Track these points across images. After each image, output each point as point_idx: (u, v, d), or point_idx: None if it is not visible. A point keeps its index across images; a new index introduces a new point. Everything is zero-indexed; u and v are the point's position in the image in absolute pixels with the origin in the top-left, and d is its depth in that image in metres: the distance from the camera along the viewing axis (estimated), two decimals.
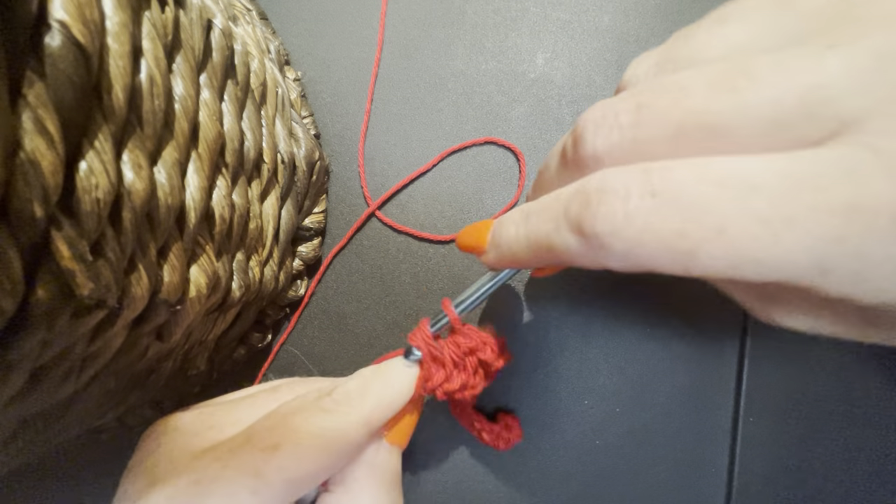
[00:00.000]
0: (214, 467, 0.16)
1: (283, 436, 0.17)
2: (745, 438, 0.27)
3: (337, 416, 0.18)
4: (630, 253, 0.12)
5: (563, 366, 0.28)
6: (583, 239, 0.12)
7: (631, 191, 0.12)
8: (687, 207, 0.11)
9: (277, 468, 0.16)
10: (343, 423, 0.18)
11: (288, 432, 0.17)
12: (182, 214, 0.17)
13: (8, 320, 0.11)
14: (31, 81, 0.11)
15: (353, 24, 0.30)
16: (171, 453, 0.17)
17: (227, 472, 0.16)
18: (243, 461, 0.16)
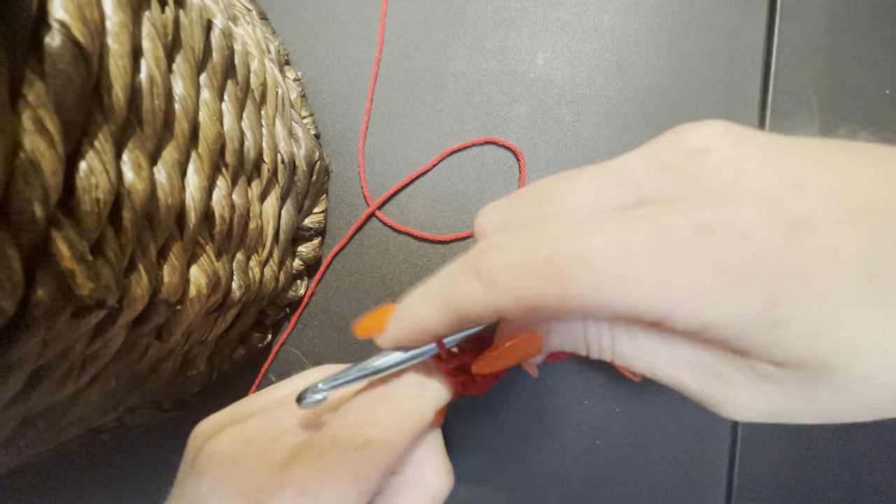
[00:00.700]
0: (313, 475, 0.17)
1: (370, 431, 0.17)
2: (745, 438, 0.27)
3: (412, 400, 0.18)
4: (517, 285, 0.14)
5: (563, 366, 0.28)
6: (480, 281, 0.14)
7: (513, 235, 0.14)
8: (554, 238, 0.13)
9: (375, 464, 0.17)
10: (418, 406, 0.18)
11: (373, 426, 0.17)
12: (182, 214, 0.17)
13: (8, 320, 0.11)
14: (31, 81, 0.11)
15: (353, 24, 0.30)
16: (257, 469, 0.17)
17: (329, 477, 0.16)
18: (340, 464, 0.17)
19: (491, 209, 0.17)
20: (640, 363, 0.16)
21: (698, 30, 0.28)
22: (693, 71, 0.28)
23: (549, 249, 0.13)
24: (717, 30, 0.28)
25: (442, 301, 0.15)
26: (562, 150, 0.29)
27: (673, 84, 0.28)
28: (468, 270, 0.15)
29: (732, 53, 0.28)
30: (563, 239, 0.13)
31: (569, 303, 0.13)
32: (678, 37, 0.28)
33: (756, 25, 0.28)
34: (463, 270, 0.15)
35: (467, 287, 0.15)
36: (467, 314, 0.15)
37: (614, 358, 0.16)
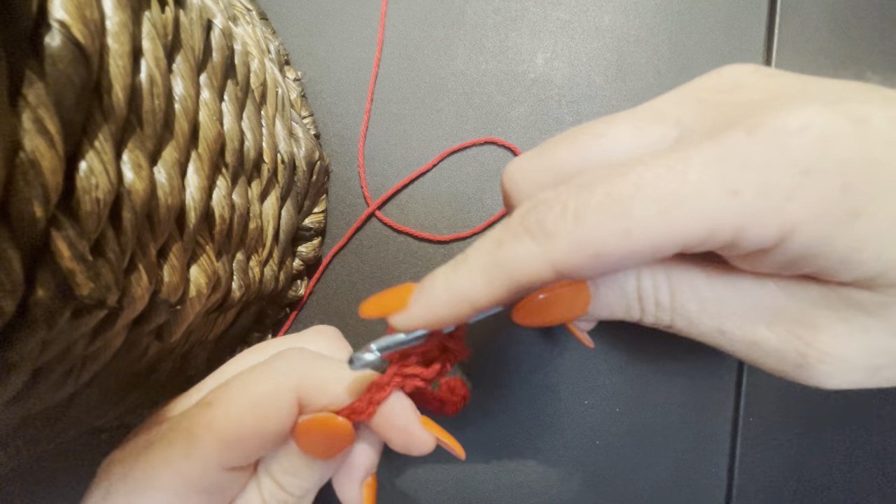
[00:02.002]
0: (163, 429, 0.16)
1: (217, 393, 0.17)
2: (745, 438, 0.27)
3: (270, 372, 0.17)
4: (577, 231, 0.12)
5: (563, 366, 0.28)
6: (533, 238, 0.13)
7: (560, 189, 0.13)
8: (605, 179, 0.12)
9: (206, 425, 0.16)
10: (274, 380, 0.16)
11: (222, 390, 0.17)
12: (182, 214, 0.17)
13: (8, 320, 0.11)
14: (31, 81, 0.11)
15: (353, 24, 0.30)
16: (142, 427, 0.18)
17: (171, 433, 0.16)
18: (182, 422, 0.16)
19: (521, 159, 0.16)
20: (706, 321, 0.14)
21: (698, 30, 0.28)
22: (693, 71, 0.28)
23: (606, 188, 0.12)
24: (717, 30, 0.28)
25: (489, 268, 0.13)
26: None
27: (673, 84, 0.28)
28: (516, 230, 0.13)
29: (732, 53, 0.28)
30: (617, 176, 0.12)
31: (636, 237, 0.12)
32: (678, 37, 0.28)
33: (756, 25, 0.28)
34: (509, 232, 0.13)
35: (518, 247, 0.13)
36: (521, 278, 0.13)
37: (674, 319, 0.14)
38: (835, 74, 0.28)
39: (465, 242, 0.29)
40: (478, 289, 0.14)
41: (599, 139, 0.14)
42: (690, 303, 0.14)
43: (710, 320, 0.14)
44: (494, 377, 0.28)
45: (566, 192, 0.13)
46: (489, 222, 0.28)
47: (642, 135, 0.14)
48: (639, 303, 0.15)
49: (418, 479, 0.29)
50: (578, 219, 0.12)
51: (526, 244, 0.13)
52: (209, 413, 0.16)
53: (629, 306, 0.15)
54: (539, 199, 0.13)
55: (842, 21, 0.28)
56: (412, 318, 0.15)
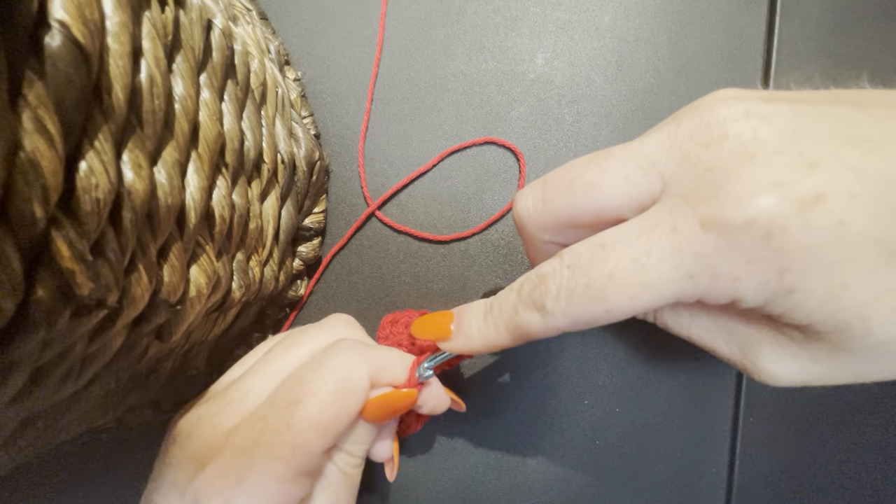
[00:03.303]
0: (251, 436, 0.18)
1: (301, 391, 0.19)
2: (745, 438, 0.27)
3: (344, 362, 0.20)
4: (568, 312, 0.16)
5: (563, 366, 0.28)
6: (539, 313, 0.17)
7: (555, 269, 0.16)
8: (587, 267, 0.15)
9: (302, 418, 0.18)
10: (351, 369, 0.19)
11: (304, 387, 0.19)
12: (182, 214, 0.17)
13: (8, 320, 0.11)
14: (31, 81, 0.11)
15: (353, 24, 0.30)
16: (205, 438, 0.19)
17: (265, 436, 0.18)
18: (274, 422, 0.18)
19: (527, 195, 0.19)
20: (679, 330, 0.17)
21: (698, 30, 0.28)
22: (693, 71, 0.28)
23: (586, 278, 0.15)
24: (717, 30, 0.28)
25: (509, 329, 0.18)
26: (562, 150, 0.29)
27: (673, 84, 0.28)
28: (527, 303, 0.17)
29: (732, 53, 0.28)
30: (597, 266, 0.15)
31: (614, 314, 0.15)
32: (678, 37, 0.28)
33: (756, 25, 0.28)
34: (522, 303, 0.17)
35: (529, 317, 0.17)
36: (532, 336, 0.17)
37: (655, 318, 0.18)
38: (835, 74, 0.28)
39: (465, 242, 0.29)
40: (500, 339, 0.18)
41: (591, 191, 0.17)
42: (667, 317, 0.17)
43: (682, 330, 0.18)
44: (494, 377, 0.28)
45: (559, 275, 0.16)
46: (489, 222, 0.28)
47: (630, 186, 0.16)
48: None
49: (418, 478, 0.29)
50: (569, 303, 0.16)
51: (534, 316, 0.17)
52: (302, 408, 0.18)
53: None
54: (542, 277, 0.17)
55: (842, 21, 0.28)
56: (452, 347, 0.20)
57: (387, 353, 0.21)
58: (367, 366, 0.20)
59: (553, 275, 0.16)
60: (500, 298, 0.19)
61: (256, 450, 0.18)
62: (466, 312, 0.20)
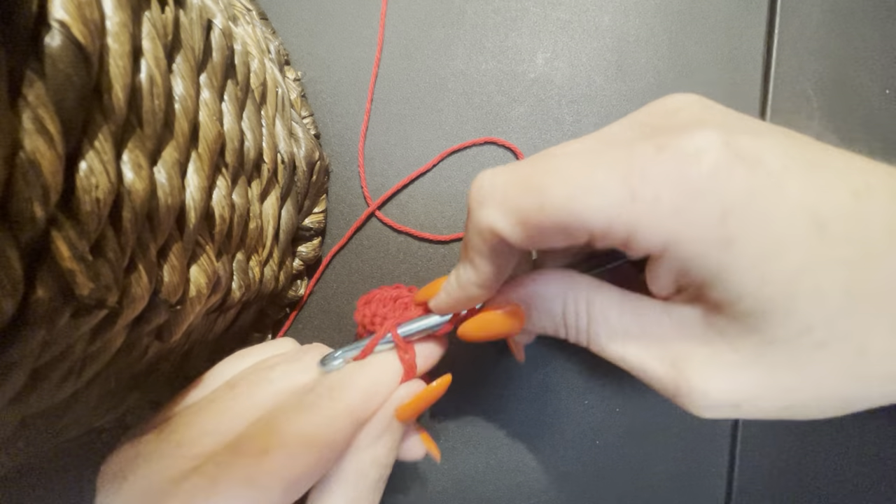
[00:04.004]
0: (204, 485, 0.16)
1: (270, 439, 0.17)
2: (745, 438, 0.27)
3: (321, 410, 0.18)
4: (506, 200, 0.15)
5: (563, 366, 0.28)
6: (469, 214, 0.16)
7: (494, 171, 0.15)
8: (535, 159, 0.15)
9: (270, 472, 0.16)
10: (328, 416, 0.18)
11: (274, 435, 0.17)
12: (182, 214, 0.17)
13: (8, 320, 0.11)
14: (31, 81, 0.11)
15: (353, 24, 0.30)
16: (146, 485, 0.16)
17: (221, 486, 0.16)
18: (234, 473, 0.16)
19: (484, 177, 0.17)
20: (613, 348, 0.16)
21: (698, 30, 0.28)
22: (693, 71, 0.28)
23: (530, 168, 0.15)
24: (717, 30, 0.28)
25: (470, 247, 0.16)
26: None
27: (673, 84, 0.28)
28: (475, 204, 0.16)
29: (732, 53, 0.28)
30: (544, 159, 0.15)
31: (548, 214, 0.14)
32: (678, 37, 0.28)
33: (756, 25, 0.28)
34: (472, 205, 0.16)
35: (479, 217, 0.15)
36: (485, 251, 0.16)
37: (589, 341, 0.17)
38: (834, 74, 0.28)
39: None
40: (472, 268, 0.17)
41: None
42: (601, 329, 0.16)
43: (615, 347, 0.16)
44: (494, 377, 0.28)
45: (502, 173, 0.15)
46: None
47: None
48: (564, 326, 0.17)
49: (418, 478, 0.29)
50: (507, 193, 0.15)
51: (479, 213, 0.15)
52: (269, 461, 0.16)
53: (556, 327, 0.17)
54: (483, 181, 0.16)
55: (842, 21, 0.28)
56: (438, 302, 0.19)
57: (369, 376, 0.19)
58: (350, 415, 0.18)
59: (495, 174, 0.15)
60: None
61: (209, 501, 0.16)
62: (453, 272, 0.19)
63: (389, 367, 0.20)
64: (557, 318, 0.17)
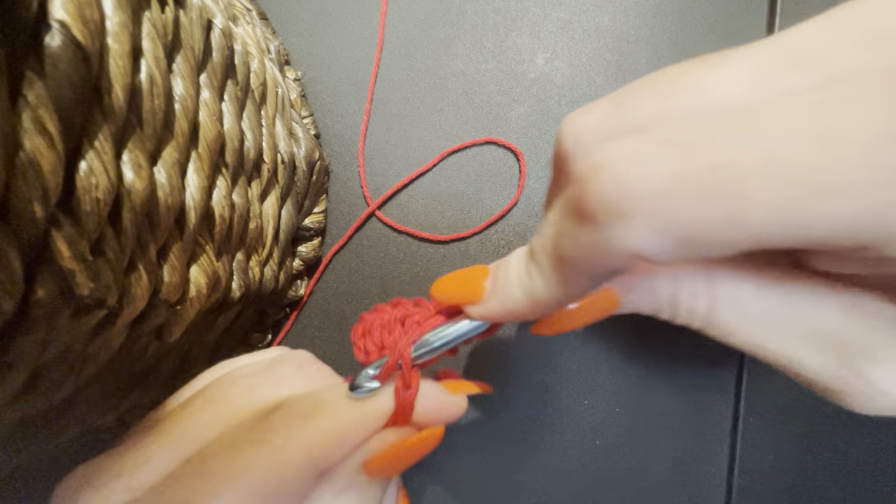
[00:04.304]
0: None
1: (196, 486, 0.13)
2: (745, 438, 0.27)
3: (270, 448, 0.13)
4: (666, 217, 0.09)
5: (563, 366, 0.28)
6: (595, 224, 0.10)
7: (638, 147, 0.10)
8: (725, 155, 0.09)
9: None
10: (277, 458, 0.13)
11: (202, 479, 0.13)
12: (182, 214, 0.17)
13: (8, 320, 0.11)
14: (31, 81, 0.11)
15: (353, 24, 0.30)
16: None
17: None
18: None
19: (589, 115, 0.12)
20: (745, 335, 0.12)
21: (698, 30, 0.28)
22: None
23: (713, 154, 0.09)
24: (717, 30, 0.28)
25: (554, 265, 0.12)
26: None
27: None
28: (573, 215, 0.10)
29: None
30: (733, 133, 0.09)
31: (746, 228, 0.09)
32: (678, 37, 0.28)
33: (756, 25, 0.28)
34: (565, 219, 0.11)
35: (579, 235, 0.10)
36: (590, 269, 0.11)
37: (706, 327, 0.13)
38: None
39: (465, 242, 0.29)
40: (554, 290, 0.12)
41: (700, 92, 0.10)
42: (730, 314, 0.12)
43: (749, 335, 0.12)
44: (494, 377, 0.28)
45: (654, 149, 0.09)
46: (489, 222, 0.28)
47: (769, 86, 0.10)
48: (670, 308, 0.13)
49: (418, 479, 0.29)
50: (667, 193, 0.09)
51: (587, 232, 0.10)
52: None
53: (659, 310, 0.14)
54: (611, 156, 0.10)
55: None
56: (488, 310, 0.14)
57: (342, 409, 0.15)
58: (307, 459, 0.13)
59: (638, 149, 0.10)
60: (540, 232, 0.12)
61: None
62: (505, 262, 0.14)
63: (375, 403, 0.15)
64: (663, 301, 0.13)
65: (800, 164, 0.08)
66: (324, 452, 0.14)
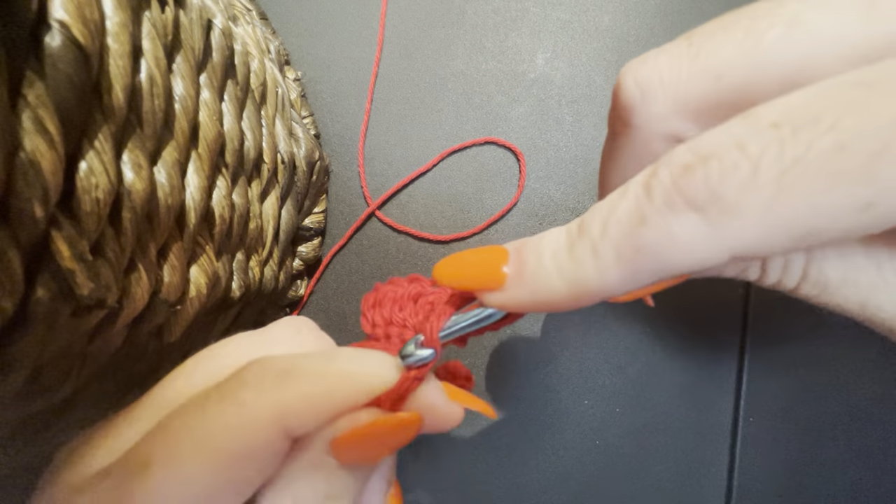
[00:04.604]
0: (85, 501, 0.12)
1: (156, 448, 0.12)
2: (745, 438, 0.27)
3: (236, 403, 0.12)
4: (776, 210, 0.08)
5: (563, 366, 0.28)
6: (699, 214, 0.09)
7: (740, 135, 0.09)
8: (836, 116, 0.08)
9: (149, 493, 0.11)
10: (244, 415, 0.12)
11: (163, 442, 0.12)
12: (182, 214, 0.17)
13: (8, 320, 0.11)
14: (31, 81, 0.11)
15: (353, 24, 0.30)
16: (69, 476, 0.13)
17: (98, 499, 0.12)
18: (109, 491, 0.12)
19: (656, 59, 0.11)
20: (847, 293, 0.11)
21: None
22: None
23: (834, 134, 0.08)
24: None
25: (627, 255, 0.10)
26: (562, 150, 0.29)
27: None
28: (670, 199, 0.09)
29: None
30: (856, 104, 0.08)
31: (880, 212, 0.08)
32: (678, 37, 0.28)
33: None
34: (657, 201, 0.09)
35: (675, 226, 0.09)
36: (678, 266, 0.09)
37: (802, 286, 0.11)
38: None
39: (465, 242, 0.29)
40: (611, 281, 0.10)
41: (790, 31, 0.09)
42: (833, 272, 0.11)
43: (853, 292, 0.11)
44: (494, 377, 0.28)
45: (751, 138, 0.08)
46: (489, 222, 0.28)
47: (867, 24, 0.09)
48: (761, 269, 0.12)
49: (418, 479, 0.29)
50: (784, 185, 0.08)
51: (688, 222, 0.09)
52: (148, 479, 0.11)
53: (747, 271, 0.12)
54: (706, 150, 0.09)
55: None
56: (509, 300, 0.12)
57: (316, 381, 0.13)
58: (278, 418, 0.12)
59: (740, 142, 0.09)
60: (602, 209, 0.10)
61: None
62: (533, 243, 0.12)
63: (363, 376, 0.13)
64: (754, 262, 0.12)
65: None
66: (296, 416, 0.12)
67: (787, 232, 0.08)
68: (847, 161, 0.08)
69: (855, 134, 0.08)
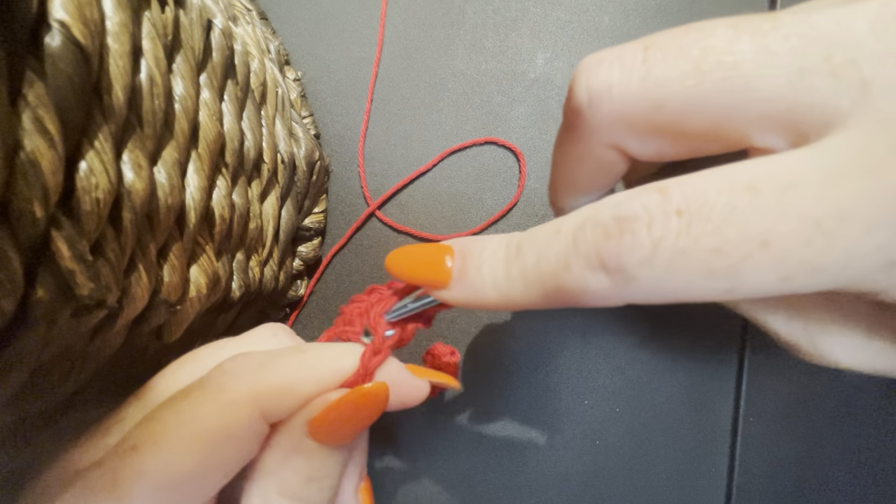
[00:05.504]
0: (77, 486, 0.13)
1: (144, 432, 0.13)
2: (745, 438, 0.27)
3: (214, 389, 0.13)
4: (662, 283, 0.11)
5: (563, 366, 0.28)
6: (608, 276, 0.11)
7: (653, 213, 0.10)
8: (720, 221, 0.10)
9: (135, 474, 0.12)
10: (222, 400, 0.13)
11: (149, 426, 0.13)
12: (182, 214, 0.17)
13: (8, 320, 0.11)
14: (31, 81, 0.11)
15: (353, 24, 0.30)
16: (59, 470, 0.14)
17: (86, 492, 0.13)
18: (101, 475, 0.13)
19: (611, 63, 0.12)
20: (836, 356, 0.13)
21: None
22: None
23: (716, 239, 0.10)
24: None
25: (547, 289, 0.12)
26: None
27: None
28: (588, 258, 0.11)
29: None
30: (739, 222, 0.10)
31: (735, 294, 0.10)
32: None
33: None
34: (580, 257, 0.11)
35: (588, 279, 0.11)
36: (578, 304, 0.12)
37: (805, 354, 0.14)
38: None
39: None
40: (528, 298, 0.13)
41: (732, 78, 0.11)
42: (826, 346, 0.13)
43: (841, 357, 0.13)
44: (494, 377, 0.28)
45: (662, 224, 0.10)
46: (489, 222, 0.28)
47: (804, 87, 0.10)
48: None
49: (418, 478, 0.29)
50: (670, 270, 0.10)
51: (601, 279, 0.11)
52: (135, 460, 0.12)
53: None
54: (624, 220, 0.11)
55: None
56: (450, 297, 0.14)
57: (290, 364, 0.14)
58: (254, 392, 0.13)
59: (649, 220, 0.10)
60: (537, 240, 0.13)
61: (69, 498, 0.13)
62: (476, 250, 0.14)
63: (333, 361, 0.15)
64: None
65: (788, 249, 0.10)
66: (273, 400, 0.13)
67: (668, 297, 0.11)
68: (719, 262, 0.10)
69: (729, 243, 0.10)
